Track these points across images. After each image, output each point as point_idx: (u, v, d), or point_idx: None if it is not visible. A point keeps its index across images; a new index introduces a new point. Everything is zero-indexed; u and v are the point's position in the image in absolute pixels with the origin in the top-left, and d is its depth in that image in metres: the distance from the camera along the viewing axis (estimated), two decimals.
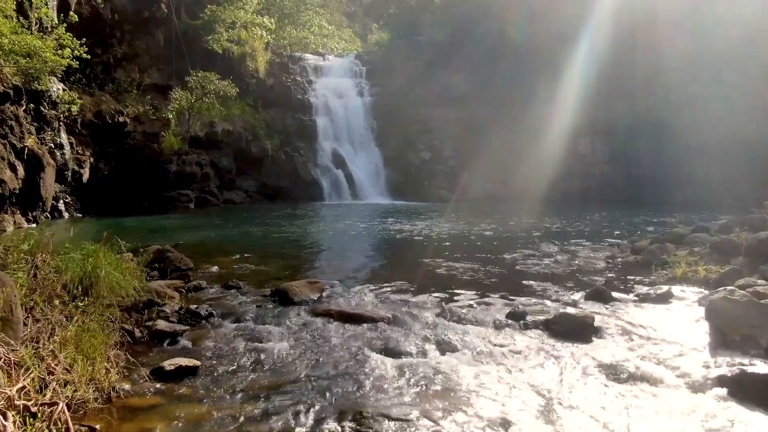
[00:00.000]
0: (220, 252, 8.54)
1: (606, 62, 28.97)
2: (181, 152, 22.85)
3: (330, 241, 10.24)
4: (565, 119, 30.52)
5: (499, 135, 30.97)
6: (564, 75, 30.24)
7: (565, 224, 14.47)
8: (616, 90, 28.77)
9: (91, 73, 20.62)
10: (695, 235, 7.42)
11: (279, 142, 28.59)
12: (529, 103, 30.37)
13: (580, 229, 12.72)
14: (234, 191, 26.67)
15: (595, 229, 12.88)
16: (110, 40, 20.87)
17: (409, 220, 15.66)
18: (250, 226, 13.87)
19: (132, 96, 22.42)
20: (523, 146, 30.98)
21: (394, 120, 31.70)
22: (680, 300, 5.28)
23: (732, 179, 25.16)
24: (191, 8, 25.12)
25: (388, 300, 5.30)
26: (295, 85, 30.20)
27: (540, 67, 30.02)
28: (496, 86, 30.84)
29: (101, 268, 4.48)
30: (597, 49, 29.15)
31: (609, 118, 29.25)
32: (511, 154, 30.98)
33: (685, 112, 26.25)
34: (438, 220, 15.03)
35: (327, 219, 17.24)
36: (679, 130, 26.20)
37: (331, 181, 28.65)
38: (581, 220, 16.03)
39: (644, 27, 27.53)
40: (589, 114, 29.92)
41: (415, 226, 13.02)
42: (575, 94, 30.23)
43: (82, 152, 19.47)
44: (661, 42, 26.83)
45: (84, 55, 16.21)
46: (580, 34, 29.77)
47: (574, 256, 7.93)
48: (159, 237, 11.87)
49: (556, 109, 30.55)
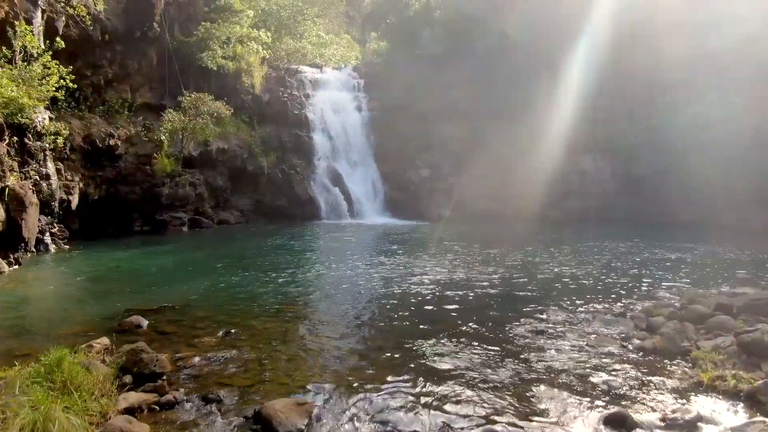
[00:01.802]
0: (205, 324, 7.96)
1: (608, 79, 28.48)
2: (174, 174, 22.25)
3: (321, 302, 9.65)
4: (566, 136, 30.02)
5: (499, 151, 30.46)
6: (565, 91, 29.74)
7: (569, 262, 13.92)
8: (618, 107, 28.30)
9: (80, 95, 20.02)
10: (718, 318, 6.86)
11: (275, 158, 28.00)
12: (530, 119, 29.88)
13: (587, 275, 12.18)
14: (229, 210, 26.11)
15: (601, 274, 12.33)
16: (100, 62, 20.27)
17: (405, 255, 15.10)
18: (240, 267, 13.29)
19: (123, 117, 21.83)
20: (524, 163, 30.48)
21: (392, 135, 31.13)
22: (712, 426, 4.74)
23: (737, 200, 24.68)
24: (185, 25, 24.52)
25: (388, 424, 4.75)
26: (292, 100, 29.61)
27: (541, 82, 29.53)
28: (496, 101, 30.30)
29: (53, 421, 3.89)
30: (599, 65, 28.65)
31: (611, 135, 28.76)
32: (511, 170, 30.48)
33: (689, 131, 25.70)
34: (434, 259, 14.45)
35: (321, 252, 16.63)
36: (682, 149, 25.66)
37: (328, 200, 28.08)
38: (585, 254, 15.47)
39: (645, 46, 26.99)
40: (590, 131, 29.43)
41: (409, 271, 12.44)
42: (577, 110, 29.73)
43: (70, 178, 18.87)
44: (663, 61, 26.31)
45: (71, 85, 15.59)
46: (580, 49, 29.27)
47: (583, 334, 7.37)
48: (145, 285, 11.31)
49: (558, 126, 30.06)
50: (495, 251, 15.73)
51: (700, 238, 19.93)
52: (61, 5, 17.10)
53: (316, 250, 17.00)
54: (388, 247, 16.89)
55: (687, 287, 10.60)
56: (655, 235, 21.29)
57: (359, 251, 16.06)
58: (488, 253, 15.39)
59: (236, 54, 26.42)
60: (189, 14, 24.54)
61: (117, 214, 21.23)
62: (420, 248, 16.51)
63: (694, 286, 10.80)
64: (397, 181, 30.11)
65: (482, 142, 30.63)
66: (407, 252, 15.59)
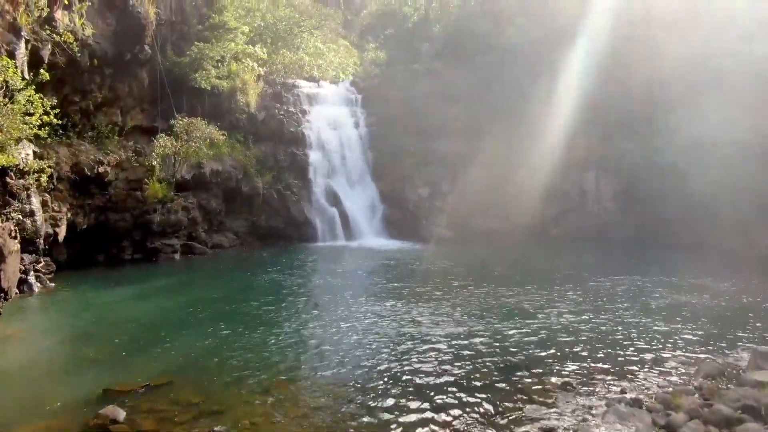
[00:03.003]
0: (188, 416, 7.38)
1: (609, 95, 27.96)
2: (166, 200, 21.63)
3: (310, 378, 9.05)
4: (567, 154, 29.52)
5: (499, 168, 29.94)
6: (566, 107, 29.19)
7: (569, 308, 13.37)
8: (619, 126, 27.77)
9: (68, 122, 19.38)
10: (746, 427, 6.29)
11: (271, 178, 27.38)
12: (531, 136, 29.35)
13: (591, 329, 11.65)
14: (223, 233, 25.48)
15: (606, 325, 11.81)
16: (89, 87, 19.61)
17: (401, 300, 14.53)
18: (228, 319, 12.70)
19: (113, 142, 21.21)
20: (524, 180, 29.98)
21: (390, 152, 30.58)
22: None
23: (743, 221, 24.19)
24: (177, 44, 23.88)
25: None
26: (288, 117, 28.98)
27: (542, 97, 28.98)
28: (496, 117, 29.80)
29: None
30: (599, 81, 28.12)
31: (612, 154, 28.24)
32: (511, 187, 29.97)
33: (692, 151, 25.11)
34: (429, 304, 13.87)
35: (314, 294, 16.00)
36: (685, 169, 25.05)
37: (324, 221, 27.48)
38: (586, 294, 14.92)
39: (648, 66, 26.44)
40: (591, 149, 28.93)
41: (403, 326, 11.88)
42: (578, 128, 29.22)
43: (57, 209, 18.25)
44: (668, 80, 25.75)
45: (55, 120, 14.94)
46: (581, 65, 28.73)
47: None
48: (128, 346, 10.71)
49: (559, 143, 29.53)
50: (490, 289, 15.11)
51: (706, 268, 19.36)
52: (47, 33, 16.45)
53: (309, 291, 16.28)
54: (383, 286, 16.26)
55: (702, 352, 10.05)
56: (658, 263, 20.71)
57: (354, 293, 15.42)
58: (484, 293, 14.77)
59: (231, 72, 25.79)
60: (182, 33, 23.91)
61: (107, 243, 20.62)
62: (416, 287, 15.88)
63: (708, 349, 10.25)
64: (395, 200, 29.53)
65: (482, 159, 30.07)
66: (403, 294, 14.97)
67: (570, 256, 23.43)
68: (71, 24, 17.51)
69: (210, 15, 24.97)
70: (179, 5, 23.37)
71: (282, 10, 35.04)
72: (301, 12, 36.50)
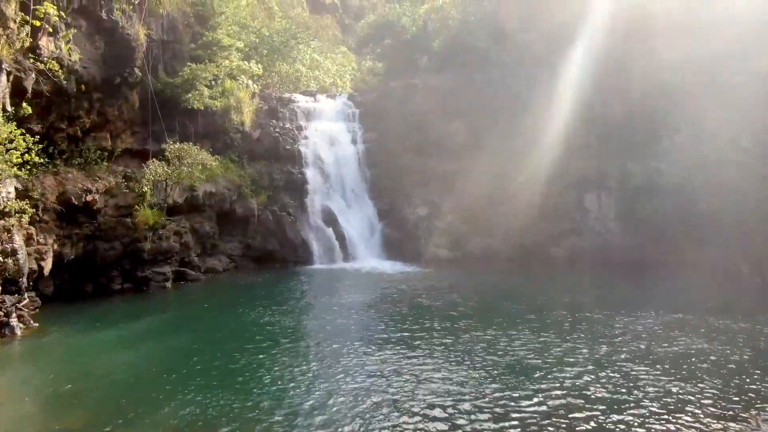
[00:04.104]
0: None
1: (615, 114, 27.39)
2: (157, 226, 20.99)
3: None
4: (569, 172, 28.95)
5: (499, 186, 29.35)
6: (569, 126, 28.60)
7: (575, 371, 12.76)
8: (625, 145, 27.13)
9: (54, 150, 18.71)
10: None
11: (266, 198, 26.76)
12: (532, 153, 28.76)
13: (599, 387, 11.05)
14: (217, 257, 24.85)
15: (617, 380, 11.20)
16: (77, 112, 18.93)
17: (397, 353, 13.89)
18: (217, 377, 12.10)
19: (102, 168, 20.53)
20: (526, 198, 29.39)
21: (389, 169, 29.98)
22: None
23: (750, 244, 23.67)
24: (170, 63, 23.19)
25: None
26: (284, 134, 28.36)
27: (545, 114, 28.38)
28: (496, 135, 29.18)
29: None
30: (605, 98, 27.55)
31: (616, 172, 27.61)
32: (512, 207, 29.37)
33: (699, 172, 24.61)
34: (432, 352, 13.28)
35: (308, 345, 15.32)
36: (691, 190, 24.51)
37: (321, 242, 26.87)
38: (594, 349, 14.34)
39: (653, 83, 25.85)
40: (595, 167, 28.33)
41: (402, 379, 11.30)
42: (581, 146, 28.63)
43: (43, 242, 17.59)
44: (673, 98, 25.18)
45: (37, 159, 14.28)
46: (585, 82, 28.13)
47: None
48: (109, 412, 10.07)
49: (561, 161, 28.94)
50: (491, 334, 14.44)
51: (715, 298, 18.76)
52: (31, 62, 15.78)
53: (303, 335, 15.43)
54: (382, 329, 15.47)
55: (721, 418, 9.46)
56: (664, 293, 20.11)
57: (349, 338, 14.74)
58: (485, 341, 14.16)
59: (225, 90, 25.13)
60: (174, 52, 23.23)
61: (95, 273, 19.96)
62: (417, 330, 15.27)
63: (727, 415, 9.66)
64: (393, 219, 28.92)
65: (482, 176, 29.48)
66: (403, 339, 14.35)
67: (571, 283, 22.84)
68: (57, 50, 16.85)
69: (203, 33, 24.29)
70: (171, 24, 22.68)
71: (278, 23, 34.38)
72: (298, 23, 35.80)
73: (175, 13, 23.04)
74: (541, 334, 14.58)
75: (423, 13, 36.55)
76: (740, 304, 17.98)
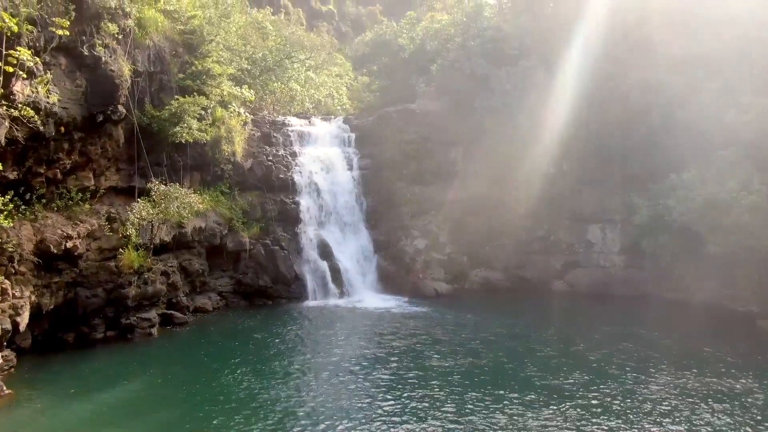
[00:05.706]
0: None
1: (620, 147, 26.56)
2: (143, 269, 19.95)
3: None
4: (573, 204, 28.18)
5: (500, 217, 28.54)
6: (573, 158, 27.82)
7: None
8: (631, 180, 26.27)
9: (32, 196, 17.63)
10: None
11: (258, 230, 25.78)
12: (535, 185, 27.94)
13: None
14: (206, 294, 23.86)
15: None
16: (56, 155, 17.86)
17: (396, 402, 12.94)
18: None
19: (84, 209, 19.44)
20: (527, 231, 28.61)
21: (385, 197, 29.06)
22: None
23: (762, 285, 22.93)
24: (156, 95, 22.12)
25: None
26: (277, 162, 27.33)
27: (548, 144, 27.56)
28: (496, 164, 28.35)
29: None
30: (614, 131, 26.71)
31: (621, 207, 26.75)
32: (513, 238, 28.58)
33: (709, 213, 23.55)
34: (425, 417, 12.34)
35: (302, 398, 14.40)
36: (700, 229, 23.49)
37: (315, 276, 25.91)
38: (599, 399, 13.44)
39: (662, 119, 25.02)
40: (599, 200, 27.52)
41: None
42: (585, 178, 27.87)
43: (19, 295, 16.52)
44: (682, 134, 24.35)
45: (6, 223, 13.26)
46: (591, 112, 27.32)
47: None
48: None
49: (565, 193, 28.18)
50: (489, 396, 13.56)
51: (727, 350, 17.93)
52: (4, 110, 14.74)
53: (296, 401, 14.67)
54: (374, 392, 14.61)
55: None
56: (671, 344, 19.25)
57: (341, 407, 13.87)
58: (484, 404, 13.24)
59: (215, 119, 24.09)
60: (161, 83, 22.17)
61: (76, 321, 18.92)
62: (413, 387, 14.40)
63: None
64: (390, 251, 27.99)
65: (481, 207, 28.68)
66: (400, 400, 13.46)
67: (575, 326, 21.96)
68: (33, 94, 15.79)
69: (192, 62, 23.24)
70: (158, 55, 21.61)
71: (271, 42, 33.36)
72: (293, 42, 34.76)
73: (162, 43, 21.99)
74: (533, 397, 13.55)
75: (420, 31, 35.64)
76: (752, 354, 17.19)
